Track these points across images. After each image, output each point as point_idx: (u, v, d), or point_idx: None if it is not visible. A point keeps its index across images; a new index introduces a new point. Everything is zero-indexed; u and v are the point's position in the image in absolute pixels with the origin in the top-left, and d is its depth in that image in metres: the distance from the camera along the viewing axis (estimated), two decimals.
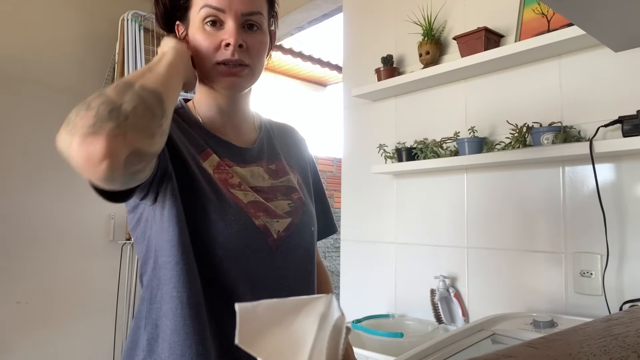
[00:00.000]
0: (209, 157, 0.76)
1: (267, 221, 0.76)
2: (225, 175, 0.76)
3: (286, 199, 0.82)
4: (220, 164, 0.77)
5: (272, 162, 0.86)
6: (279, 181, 0.84)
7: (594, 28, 0.68)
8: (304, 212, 0.83)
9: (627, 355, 0.38)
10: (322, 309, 0.57)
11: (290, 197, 0.83)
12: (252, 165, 0.82)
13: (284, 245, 0.78)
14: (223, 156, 0.79)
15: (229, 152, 0.80)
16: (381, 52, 1.80)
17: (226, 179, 0.76)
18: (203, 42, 0.74)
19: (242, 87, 0.78)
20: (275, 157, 0.87)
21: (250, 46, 0.75)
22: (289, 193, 0.83)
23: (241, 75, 0.75)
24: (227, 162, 0.79)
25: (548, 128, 1.27)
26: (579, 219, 1.29)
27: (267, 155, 0.86)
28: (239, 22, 0.74)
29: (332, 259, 4.92)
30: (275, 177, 0.84)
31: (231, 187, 0.75)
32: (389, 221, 1.78)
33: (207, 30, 0.74)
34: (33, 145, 2.25)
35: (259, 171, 0.82)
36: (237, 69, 0.74)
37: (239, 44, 0.73)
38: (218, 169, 0.76)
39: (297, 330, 0.55)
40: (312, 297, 0.59)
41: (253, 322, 0.55)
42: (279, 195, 0.82)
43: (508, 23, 1.47)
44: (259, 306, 0.57)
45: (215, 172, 0.75)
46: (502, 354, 0.39)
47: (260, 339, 0.54)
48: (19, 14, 2.26)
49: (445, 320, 1.50)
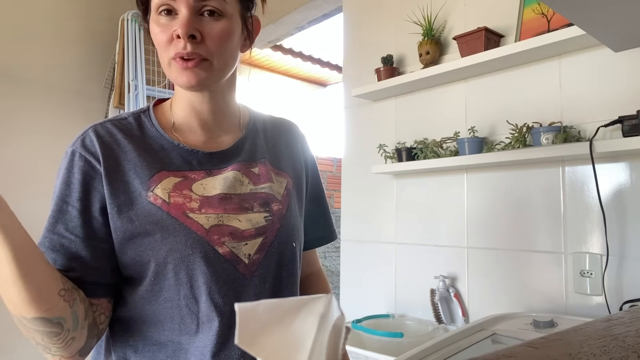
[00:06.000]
0: (161, 181, 0.69)
1: (234, 246, 0.69)
2: (182, 199, 0.68)
3: (263, 211, 0.74)
4: (178, 185, 0.69)
5: (255, 165, 0.78)
6: (260, 187, 0.76)
7: (594, 28, 0.68)
8: (281, 227, 0.75)
9: (627, 355, 0.38)
10: (322, 309, 0.57)
11: (269, 209, 0.75)
12: (228, 169, 0.74)
13: (258, 268, 0.71)
14: (186, 168, 0.71)
15: (196, 161, 0.73)
16: (381, 52, 1.80)
17: (183, 203, 0.68)
18: (157, 35, 0.67)
19: (203, 83, 0.68)
20: (258, 159, 0.79)
21: (207, 35, 0.66)
22: (269, 203, 0.75)
23: (198, 71, 0.66)
24: (193, 175, 0.71)
25: (548, 128, 1.27)
26: (579, 219, 1.29)
27: (247, 157, 0.78)
28: (193, 10, 0.65)
29: (332, 259, 4.92)
30: (257, 182, 0.76)
31: (190, 211, 0.68)
32: (389, 221, 1.78)
33: (162, 22, 0.67)
34: (33, 145, 2.25)
35: (237, 175, 0.74)
36: (191, 63, 0.66)
37: (189, 34, 0.64)
38: (175, 192, 0.69)
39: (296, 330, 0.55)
40: (312, 297, 0.59)
41: (253, 322, 0.55)
42: (256, 205, 0.74)
43: (508, 23, 1.47)
44: (258, 306, 0.57)
45: (171, 196, 0.68)
46: (502, 354, 0.39)
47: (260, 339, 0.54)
48: (19, 14, 2.26)
49: (445, 320, 1.50)
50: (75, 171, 0.67)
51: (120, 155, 0.70)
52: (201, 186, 0.71)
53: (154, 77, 2.39)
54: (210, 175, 0.73)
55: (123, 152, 0.70)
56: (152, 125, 0.74)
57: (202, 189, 0.71)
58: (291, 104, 5.34)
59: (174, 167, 0.71)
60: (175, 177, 0.70)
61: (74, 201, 0.66)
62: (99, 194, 0.67)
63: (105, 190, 0.67)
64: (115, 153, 0.69)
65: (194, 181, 0.71)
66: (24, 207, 2.21)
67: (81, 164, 0.67)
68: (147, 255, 0.66)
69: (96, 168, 0.68)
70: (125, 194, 0.68)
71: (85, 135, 0.70)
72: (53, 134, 2.29)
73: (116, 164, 0.69)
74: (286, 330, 0.55)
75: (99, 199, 0.67)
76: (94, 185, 0.67)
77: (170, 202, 0.68)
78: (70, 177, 0.67)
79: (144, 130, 0.74)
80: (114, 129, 0.72)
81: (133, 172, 0.69)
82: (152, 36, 0.69)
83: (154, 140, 0.73)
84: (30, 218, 2.42)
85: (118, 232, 0.67)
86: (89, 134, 0.70)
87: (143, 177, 0.69)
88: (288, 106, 5.28)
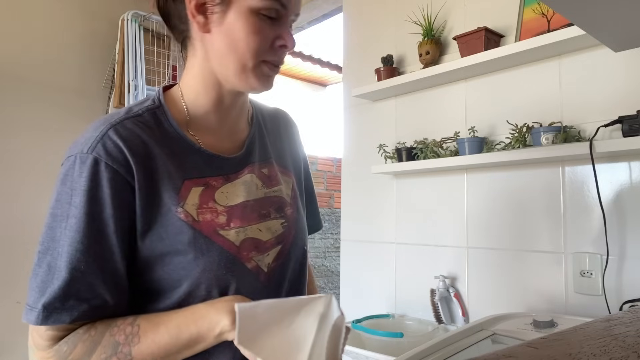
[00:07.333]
0: (189, 194, 0.65)
1: (259, 259, 0.68)
2: (210, 215, 0.65)
3: (279, 217, 0.73)
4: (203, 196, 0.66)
5: (265, 166, 0.76)
6: (272, 190, 0.75)
7: (594, 28, 0.68)
8: (296, 231, 0.75)
9: (627, 355, 0.38)
10: (322, 309, 0.57)
11: (283, 214, 0.74)
12: (244, 173, 0.72)
13: (275, 275, 0.71)
14: (207, 174, 0.68)
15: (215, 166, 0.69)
16: (381, 52, 1.80)
17: (212, 220, 0.65)
18: (254, 34, 0.63)
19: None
20: (267, 159, 0.77)
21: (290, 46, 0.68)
22: (282, 208, 0.74)
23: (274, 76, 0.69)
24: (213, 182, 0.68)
25: (548, 128, 1.27)
26: (579, 219, 1.29)
27: (258, 157, 0.76)
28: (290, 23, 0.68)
29: (332, 259, 4.92)
30: (269, 185, 0.75)
31: (219, 228, 0.65)
32: (389, 221, 1.78)
33: (262, 25, 0.63)
34: (32, 146, 2.25)
35: (253, 179, 0.72)
36: (277, 70, 0.68)
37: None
38: (202, 208, 0.65)
39: (296, 330, 0.55)
40: (312, 297, 0.59)
41: (253, 322, 0.55)
42: (272, 210, 0.73)
43: (508, 23, 1.47)
44: (258, 306, 0.57)
45: (199, 213, 0.64)
46: (502, 354, 0.39)
47: (260, 339, 0.54)
48: (19, 14, 2.26)
49: (445, 320, 1.50)
50: (104, 184, 0.59)
51: (148, 163, 0.63)
52: (223, 195, 0.68)
53: (154, 77, 2.39)
54: (229, 181, 0.70)
55: (151, 160, 0.63)
56: (169, 125, 0.68)
57: (225, 198, 0.68)
58: (291, 104, 5.35)
59: (195, 173, 0.67)
60: (197, 187, 0.66)
61: (108, 219, 0.59)
62: (129, 209, 0.61)
63: (138, 205, 0.61)
64: (145, 162, 0.62)
65: (215, 189, 0.68)
66: (23, 206, 2.21)
67: (109, 175, 0.59)
68: (178, 274, 0.63)
69: (128, 180, 0.60)
70: (156, 207, 0.62)
71: (105, 138, 0.61)
72: (53, 134, 2.29)
73: (147, 175, 0.62)
74: (286, 330, 0.55)
75: (129, 215, 0.61)
76: (125, 201, 0.60)
77: (199, 220, 0.64)
78: (97, 191, 0.59)
79: (162, 129, 0.67)
80: (136, 129, 0.64)
81: (161, 183, 0.63)
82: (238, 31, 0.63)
83: (173, 141, 0.67)
84: (30, 217, 2.42)
85: (145, 250, 0.62)
86: (110, 137, 0.61)
87: (171, 190, 0.64)
88: (288, 106, 5.28)
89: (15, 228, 2.14)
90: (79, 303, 0.57)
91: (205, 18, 0.64)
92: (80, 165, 0.59)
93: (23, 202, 2.18)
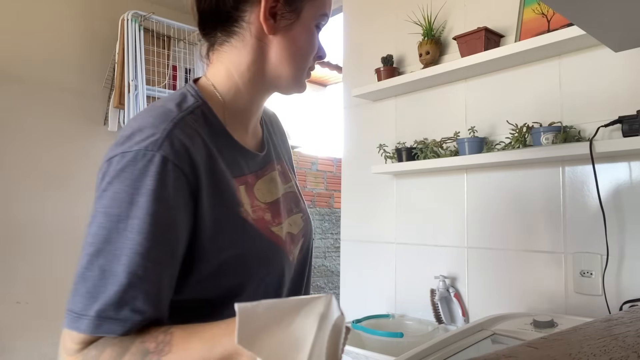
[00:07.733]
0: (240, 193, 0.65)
1: (294, 252, 0.73)
2: (261, 213, 0.66)
3: (298, 211, 0.77)
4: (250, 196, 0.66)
5: (278, 163, 0.80)
6: (288, 186, 0.79)
7: (594, 28, 0.68)
8: (310, 224, 0.81)
9: (627, 355, 0.38)
10: (322, 309, 0.57)
11: (300, 208, 0.79)
12: (269, 170, 0.74)
13: (299, 265, 0.77)
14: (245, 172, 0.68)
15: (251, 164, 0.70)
16: (381, 52, 1.80)
17: (263, 217, 0.66)
18: (313, 45, 0.70)
19: None
20: (279, 156, 0.81)
21: None
22: (297, 202, 0.79)
23: None
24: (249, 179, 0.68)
25: (548, 128, 1.27)
26: (579, 219, 1.29)
27: (274, 155, 0.79)
28: None
29: (332, 259, 4.92)
30: (285, 181, 0.78)
31: (271, 225, 0.67)
32: (389, 221, 1.78)
33: (316, 35, 0.71)
34: (32, 146, 2.25)
35: (275, 176, 0.75)
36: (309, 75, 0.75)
37: None
38: (254, 207, 0.65)
39: (296, 330, 0.55)
40: (312, 297, 0.59)
41: (253, 322, 0.55)
42: (293, 206, 0.77)
43: (508, 23, 1.47)
44: (258, 306, 0.57)
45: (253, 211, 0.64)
46: (502, 354, 0.39)
47: (260, 339, 0.54)
48: (19, 14, 2.26)
49: (445, 320, 1.50)
50: (170, 184, 0.55)
51: (210, 164, 0.61)
52: (260, 192, 0.69)
53: (154, 77, 2.39)
54: (258, 178, 0.70)
55: (213, 160, 0.62)
56: (217, 121, 0.67)
57: (262, 194, 0.69)
58: (291, 104, 5.34)
59: (237, 171, 0.66)
60: (241, 185, 0.66)
61: (172, 222, 0.56)
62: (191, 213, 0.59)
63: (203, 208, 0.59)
64: (207, 162, 0.61)
65: (252, 186, 0.68)
66: (23, 206, 2.21)
67: (175, 175, 0.56)
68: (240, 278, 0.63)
69: (196, 184, 0.58)
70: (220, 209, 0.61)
71: (172, 136, 0.58)
72: (53, 134, 2.29)
73: (209, 175, 0.61)
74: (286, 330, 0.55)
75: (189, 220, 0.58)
76: (189, 204, 0.58)
77: (255, 217, 0.65)
78: (163, 191, 0.55)
79: (210, 126, 0.65)
80: (197, 127, 0.62)
81: (221, 183, 0.62)
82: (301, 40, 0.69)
83: (219, 138, 0.66)
84: (30, 218, 2.42)
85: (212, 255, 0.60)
86: (177, 136, 0.58)
87: (230, 191, 0.63)
88: (288, 106, 5.27)
89: (15, 228, 2.14)
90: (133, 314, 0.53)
91: (275, 22, 0.67)
92: (146, 163, 0.55)
93: (23, 202, 2.18)
